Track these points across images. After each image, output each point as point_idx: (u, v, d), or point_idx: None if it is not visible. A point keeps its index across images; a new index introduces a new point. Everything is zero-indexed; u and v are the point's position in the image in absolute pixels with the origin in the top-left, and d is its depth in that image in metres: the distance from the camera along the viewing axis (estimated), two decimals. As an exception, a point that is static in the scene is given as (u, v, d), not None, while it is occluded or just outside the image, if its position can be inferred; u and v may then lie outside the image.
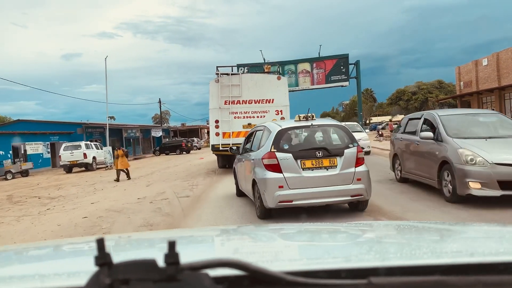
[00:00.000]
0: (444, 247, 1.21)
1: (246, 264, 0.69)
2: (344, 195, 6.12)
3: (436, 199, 6.93)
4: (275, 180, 6.00)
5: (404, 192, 7.94)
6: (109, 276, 0.64)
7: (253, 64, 39.95)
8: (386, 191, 8.17)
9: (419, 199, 7.16)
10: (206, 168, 16.96)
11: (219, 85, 13.63)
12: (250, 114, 13.67)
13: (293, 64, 39.56)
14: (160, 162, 26.56)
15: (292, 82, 39.68)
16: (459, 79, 43.02)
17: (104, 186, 13.98)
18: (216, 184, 11.59)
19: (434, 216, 5.93)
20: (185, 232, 2.07)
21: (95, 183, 15.77)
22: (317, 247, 1.34)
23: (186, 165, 21.13)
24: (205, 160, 23.72)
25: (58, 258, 1.34)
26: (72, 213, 8.78)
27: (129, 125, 38.62)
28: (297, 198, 6.01)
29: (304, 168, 6.06)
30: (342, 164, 6.11)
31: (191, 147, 38.23)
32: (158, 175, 16.63)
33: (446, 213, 6.05)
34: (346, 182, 6.08)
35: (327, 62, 39.02)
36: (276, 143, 6.18)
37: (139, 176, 16.61)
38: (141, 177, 16.09)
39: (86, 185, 14.93)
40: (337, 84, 39.07)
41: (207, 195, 9.45)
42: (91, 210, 8.80)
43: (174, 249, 0.65)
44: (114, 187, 13.35)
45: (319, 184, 6.02)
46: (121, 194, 11.36)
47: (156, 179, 14.64)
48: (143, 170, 20.48)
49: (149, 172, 18.65)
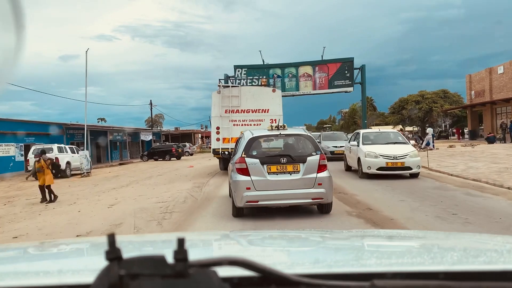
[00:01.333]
0: (444, 254, 1.25)
1: (253, 263, 0.70)
2: (306, 198, 6.82)
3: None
4: (243, 183, 6.74)
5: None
6: (119, 270, 0.64)
7: (251, 66, 37.37)
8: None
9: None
10: (193, 182, 14.10)
11: (220, 96, 14.98)
12: (248, 122, 14.74)
13: (294, 67, 36.96)
14: (145, 170, 23.73)
15: (293, 86, 37.07)
16: (469, 88, 40.32)
17: (55, 206, 11.13)
18: (203, 208, 8.79)
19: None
20: (194, 235, 2.26)
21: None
22: (320, 252, 1.42)
23: (172, 174, 18.34)
24: (195, 168, 20.88)
25: (69, 256, 1.41)
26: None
27: (114, 127, 35.64)
28: (263, 199, 6.76)
29: (270, 173, 6.81)
30: (304, 170, 6.84)
31: (182, 152, 35.38)
32: (133, 189, 13.77)
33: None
34: (307, 186, 6.78)
35: (331, 66, 36.44)
36: (247, 150, 6.94)
37: (109, 189, 13.78)
38: (111, 191, 13.26)
39: (26, 205, 12.01)
40: (341, 90, 36.47)
41: (185, 228, 6.70)
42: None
43: (183, 245, 0.66)
44: (53, 210, 10.04)
45: (282, 187, 6.76)
46: (64, 219, 8.56)
47: (127, 195, 11.80)
48: (120, 180, 17.66)
49: (126, 183, 15.81)
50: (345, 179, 12.24)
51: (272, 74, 37.39)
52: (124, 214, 8.50)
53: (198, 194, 10.92)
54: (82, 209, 9.66)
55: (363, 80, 36.21)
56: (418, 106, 55.00)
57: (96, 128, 32.21)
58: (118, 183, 15.88)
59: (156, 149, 35.33)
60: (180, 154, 34.79)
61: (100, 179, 18.85)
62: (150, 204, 9.65)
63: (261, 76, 36.39)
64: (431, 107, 53.79)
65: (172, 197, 10.46)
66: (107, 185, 15.42)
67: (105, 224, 7.46)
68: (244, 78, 34.44)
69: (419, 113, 54.69)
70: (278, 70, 37.02)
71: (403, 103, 57.71)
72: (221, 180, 13.18)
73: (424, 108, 53.99)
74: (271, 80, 27.18)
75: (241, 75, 36.72)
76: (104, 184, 16.17)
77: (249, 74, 37.10)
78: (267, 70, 36.99)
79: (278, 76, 36.85)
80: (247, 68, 37.08)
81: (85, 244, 1.71)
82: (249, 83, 20.71)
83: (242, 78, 36.94)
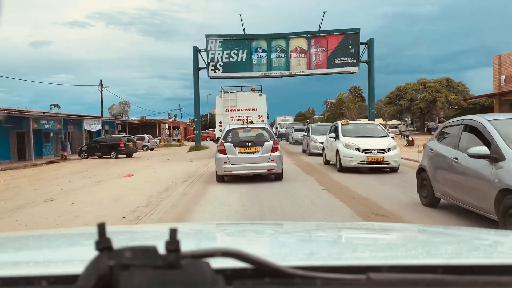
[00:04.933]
0: (439, 248, 1.25)
1: (246, 254, 0.69)
2: (263, 169, 10.13)
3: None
4: (222, 159, 10.08)
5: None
6: (109, 260, 0.63)
7: (227, 37, 28.90)
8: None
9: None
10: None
11: (222, 99, 21.04)
12: (242, 117, 18.26)
13: (283, 39, 28.65)
14: (51, 179, 15.00)
15: (282, 63, 28.86)
16: (498, 72, 32.75)
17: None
18: None
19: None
20: (187, 226, 2.22)
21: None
22: (315, 245, 1.41)
23: (77, 199, 9.94)
24: (136, 184, 12.22)
25: (59, 246, 1.35)
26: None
27: (40, 113, 26.32)
28: (235, 169, 10.08)
29: (240, 152, 10.08)
30: (262, 150, 10.08)
31: (134, 148, 26.60)
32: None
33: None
34: (264, 161, 10.00)
35: (331, 39, 28.37)
36: (225, 137, 10.42)
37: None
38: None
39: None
40: (343, 70, 28.52)
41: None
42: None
43: (175, 236, 0.65)
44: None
45: (248, 162, 10.04)
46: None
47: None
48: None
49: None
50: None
51: (256, 48, 29.03)
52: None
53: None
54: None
55: (371, 58, 28.39)
56: (420, 96, 48.00)
57: (11, 113, 23.04)
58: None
59: (99, 143, 26.40)
60: (131, 150, 26.05)
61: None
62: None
63: (242, 49, 28.16)
64: (435, 97, 46.86)
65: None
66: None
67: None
68: (225, 63, 27.05)
69: (421, 103, 47.73)
70: (264, 43, 28.67)
71: (401, 92, 50.58)
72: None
73: (427, 98, 46.99)
74: (253, 55, 26.18)
75: (215, 48, 28.24)
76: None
77: (225, 47, 28.68)
78: (248, 42, 28.59)
79: (263, 50, 28.55)
80: (222, 38, 28.57)
81: (75, 234, 1.65)
82: (243, 89, 23.78)
83: (218, 53, 28.68)
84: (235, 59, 28.22)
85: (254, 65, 28.48)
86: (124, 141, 25.37)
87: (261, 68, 28.57)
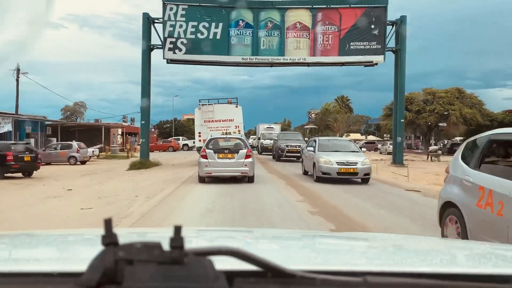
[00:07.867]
0: (432, 258, 1.29)
1: (248, 254, 0.71)
2: (237, 172, 11.86)
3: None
4: (204, 162, 11.83)
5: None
6: (115, 255, 0.65)
7: (197, 2, 19.63)
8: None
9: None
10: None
11: (200, 111, 21.03)
12: (220, 128, 20.01)
13: (277, 10, 19.57)
14: None
15: (273, 45, 19.63)
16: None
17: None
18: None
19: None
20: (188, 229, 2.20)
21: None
22: (313, 251, 1.46)
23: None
24: None
25: (61, 246, 1.37)
26: None
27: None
28: (214, 172, 11.83)
29: (219, 157, 11.81)
30: (237, 157, 11.88)
31: (34, 164, 16.63)
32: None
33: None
34: (239, 166, 11.80)
35: (346, 14, 19.59)
36: (207, 144, 12.36)
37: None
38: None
39: None
40: (362, 59, 19.69)
41: None
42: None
43: (179, 233, 0.67)
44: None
45: (225, 166, 11.77)
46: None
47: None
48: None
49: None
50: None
51: (237, 21, 19.75)
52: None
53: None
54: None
55: (401, 44, 19.83)
56: (428, 107, 40.12)
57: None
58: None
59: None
60: (32, 166, 16.18)
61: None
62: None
63: (215, 21, 18.98)
64: (448, 110, 39.04)
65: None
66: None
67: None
68: (190, 41, 17.86)
69: (430, 116, 39.88)
70: (248, 14, 19.43)
71: (406, 102, 42.66)
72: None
73: (438, 110, 39.12)
74: (233, 30, 19.89)
75: (176, 17, 18.97)
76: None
77: (191, 17, 19.39)
78: (226, 12, 19.31)
79: (247, 25, 19.43)
80: (187, 4, 19.12)
81: (78, 235, 1.70)
82: (220, 102, 22.49)
83: (180, 25, 19.48)
84: (204, 35, 19.00)
85: (233, 46, 19.37)
86: (16, 150, 15.45)
87: (243, 50, 19.48)
